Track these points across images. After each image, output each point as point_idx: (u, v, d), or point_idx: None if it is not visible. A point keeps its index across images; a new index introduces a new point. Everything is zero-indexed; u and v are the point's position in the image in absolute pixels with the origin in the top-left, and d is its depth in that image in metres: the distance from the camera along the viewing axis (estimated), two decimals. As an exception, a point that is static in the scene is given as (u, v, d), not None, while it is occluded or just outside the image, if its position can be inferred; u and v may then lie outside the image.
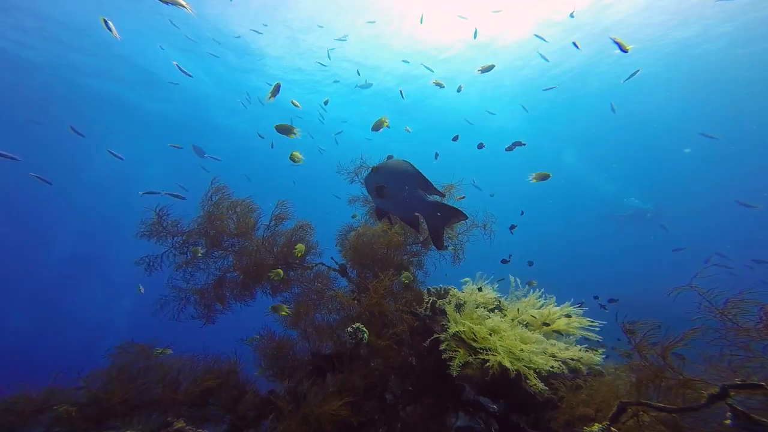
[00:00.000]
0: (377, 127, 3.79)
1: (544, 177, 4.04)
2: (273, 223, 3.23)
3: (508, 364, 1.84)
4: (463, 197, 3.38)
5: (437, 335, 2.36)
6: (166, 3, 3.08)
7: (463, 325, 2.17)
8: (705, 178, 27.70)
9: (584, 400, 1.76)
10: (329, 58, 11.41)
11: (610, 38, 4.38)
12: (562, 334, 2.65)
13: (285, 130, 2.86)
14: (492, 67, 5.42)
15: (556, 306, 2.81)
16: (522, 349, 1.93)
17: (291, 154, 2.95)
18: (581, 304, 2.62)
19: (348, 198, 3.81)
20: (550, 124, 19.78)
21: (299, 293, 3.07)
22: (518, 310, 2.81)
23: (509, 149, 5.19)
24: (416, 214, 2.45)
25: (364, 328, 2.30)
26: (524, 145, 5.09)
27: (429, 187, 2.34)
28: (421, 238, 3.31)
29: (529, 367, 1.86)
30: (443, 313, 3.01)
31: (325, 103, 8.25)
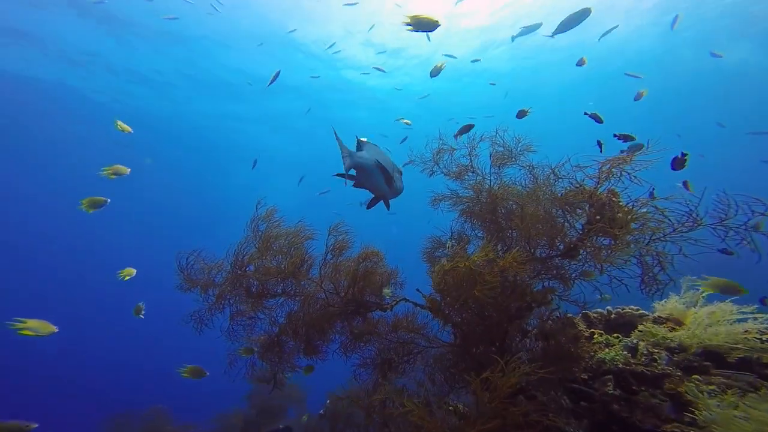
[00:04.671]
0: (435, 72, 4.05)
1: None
2: (331, 256, 2.35)
3: None
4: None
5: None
6: None
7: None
8: None
9: None
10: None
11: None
12: None
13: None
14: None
15: None
16: None
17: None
18: None
19: (430, 197, 2.66)
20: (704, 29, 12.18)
21: (375, 354, 2.05)
22: None
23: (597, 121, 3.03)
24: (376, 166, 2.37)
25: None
26: (634, 139, 2.79)
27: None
28: (561, 247, 1.91)
29: None
30: (655, 384, 1.53)
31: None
